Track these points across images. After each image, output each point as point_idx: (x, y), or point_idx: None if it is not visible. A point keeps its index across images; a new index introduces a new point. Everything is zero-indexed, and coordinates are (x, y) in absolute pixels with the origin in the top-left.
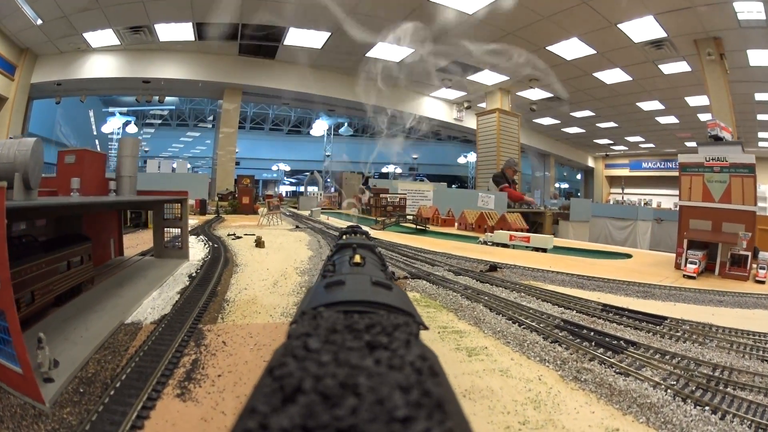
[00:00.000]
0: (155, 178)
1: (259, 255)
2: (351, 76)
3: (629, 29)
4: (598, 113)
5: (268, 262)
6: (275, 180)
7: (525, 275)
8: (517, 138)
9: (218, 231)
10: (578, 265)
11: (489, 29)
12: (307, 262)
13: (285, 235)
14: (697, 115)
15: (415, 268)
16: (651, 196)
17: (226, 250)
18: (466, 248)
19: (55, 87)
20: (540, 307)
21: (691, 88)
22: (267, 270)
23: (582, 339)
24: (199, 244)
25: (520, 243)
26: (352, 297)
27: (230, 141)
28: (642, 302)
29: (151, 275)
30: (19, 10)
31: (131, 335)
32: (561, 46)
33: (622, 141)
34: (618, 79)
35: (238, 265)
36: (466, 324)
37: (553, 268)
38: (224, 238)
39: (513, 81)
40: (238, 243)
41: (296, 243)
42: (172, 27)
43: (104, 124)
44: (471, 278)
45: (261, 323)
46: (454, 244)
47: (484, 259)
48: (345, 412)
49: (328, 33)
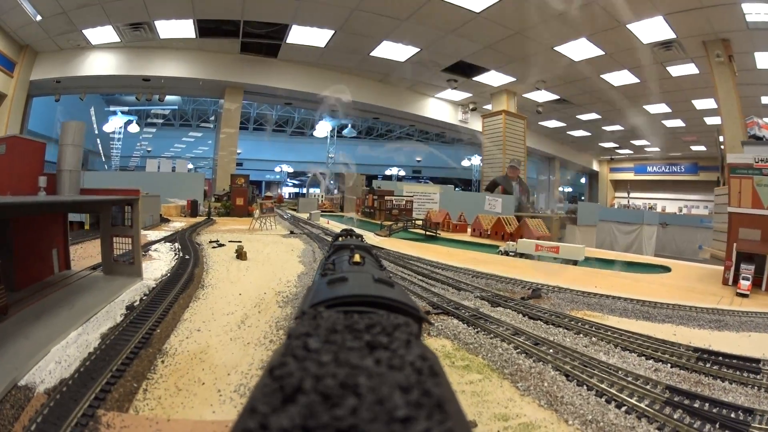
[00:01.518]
0: (143, 177)
1: (236, 271)
2: (355, 76)
3: (638, 30)
4: (605, 116)
5: (244, 283)
6: (278, 181)
7: (575, 302)
8: (523, 140)
9: (201, 236)
10: (622, 284)
11: (496, 28)
12: (295, 283)
13: (276, 243)
14: (703, 119)
15: (437, 294)
16: (656, 200)
17: (198, 263)
18: (488, 261)
19: (54, 84)
20: (625, 361)
21: (698, 90)
22: (239, 296)
23: (701, 418)
24: (169, 254)
25: (547, 254)
26: (357, 292)
27: (231, 141)
28: (718, 335)
29: (81, 303)
30: (19, 6)
31: (18, 408)
32: (569, 46)
33: (627, 144)
34: (625, 81)
35: (205, 287)
36: (536, 406)
37: (600, 290)
38: (205, 245)
39: (519, 82)
40: (217, 253)
41: (287, 254)
42: (172, 24)
43: (106, 123)
44: (513, 310)
45: (191, 421)
46: (471, 255)
47: (515, 278)
48: (345, 412)
49: (331, 31)
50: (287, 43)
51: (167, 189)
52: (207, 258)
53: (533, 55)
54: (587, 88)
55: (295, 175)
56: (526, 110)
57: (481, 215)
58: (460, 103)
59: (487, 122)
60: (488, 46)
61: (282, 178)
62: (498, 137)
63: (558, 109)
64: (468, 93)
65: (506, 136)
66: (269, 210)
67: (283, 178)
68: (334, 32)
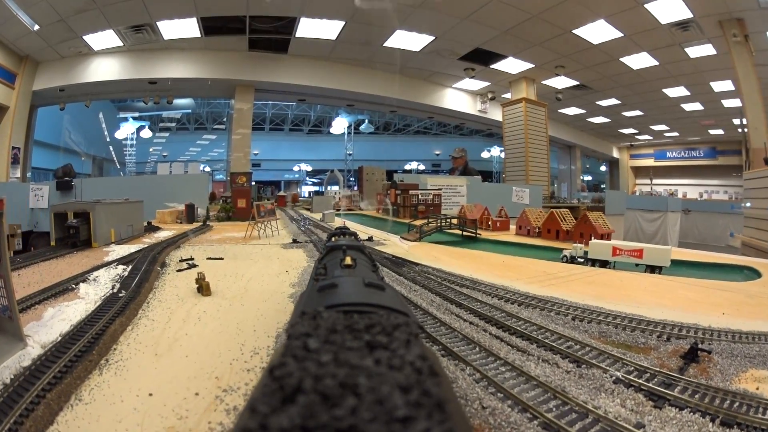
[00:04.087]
0: (144, 181)
1: (181, 322)
2: (369, 69)
3: (656, 9)
4: (624, 101)
5: (176, 354)
6: (297, 180)
7: (735, 355)
8: (544, 128)
9: (178, 252)
10: (735, 301)
11: (512, 12)
12: (269, 351)
13: (269, 259)
14: (721, 102)
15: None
16: (676, 186)
17: (130, 304)
18: (567, 276)
19: (58, 93)
20: None
21: (716, 72)
22: (148, 398)
23: None
24: (106, 286)
25: (627, 259)
26: (346, 300)
27: (245, 142)
28: None
29: None
30: (15, 16)
31: None
32: (587, 29)
33: (647, 130)
34: (644, 64)
35: (109, 366)
36: None
37: (732, 324)
38: (171, 267)
39: (538, 68)
40: (176, 282)
41: (277, 278)
42: (175, 24)
43: (117, 130)
44: (694, 411)
45: None
46: (536, 266)
47: (635, 315)
48: (345, 412)
49: (342, 22)
50: (297, 38)
51: (167, 193)
52: (156, 292)
53: (551, 39)
54: (606, 72)
55: (314, 174)
56: (545, 98)
57: (528, 209)
58: (478, 92)
59: (507, 111)
60: (505, 31)
61: (301, 177)
62: (519, 126)
63: (577, 95)
64: (486, 82)
65: (527, 123)
66: (269, 213)
67: (302, 177)
68: (344, 23)
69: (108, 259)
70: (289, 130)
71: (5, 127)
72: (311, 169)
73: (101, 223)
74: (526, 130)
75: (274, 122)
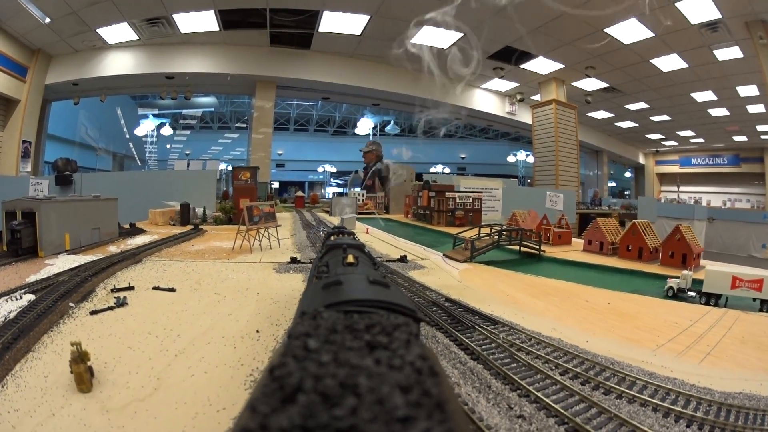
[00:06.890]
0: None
1: None
2: (394, 67)
3: (686, 8)
4: (653, 105)
5: None
6: (321, 182)
7: None
8: (574, 132)
9: (132, 271)
10: None
11: (542, 8)
12: None
13: (245, 294)
14: (746, 107)
15: None
16: (701, 194)
17: None
18: (695, 330)
19: (71, 87)
20: None
21: (742, 76)
22: None
23: None
24: None
25: (746, 293)
26: (353, 296)
27: (266, 142)
28: None
29: None
30: (24, 9)
31: None
32: (618, 27)
33: (673, 136)
34: (674, 67)
35: None
36: None
37: None
38: (96, 299)
39: (568, 69)
40: (67, 343)
41: (231, 358)
42: (192, 17)
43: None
44: None
45: None
46: (646, 309)
47: None
48: (345, 412)
49: (367, 16)
50: (320, 32)
51: (171, 190)
52: (23, 366)
53: (582, 38)
54: (637, 74)
55: (338, 175)
56: (574, 100)
57: (600, 220)
58: (507, 93)
59: (537, 113)
60: (535, 29)
61: (325, 178)
62: (549, 128)
63: (606, 98)
64: (515, 82)
65: (558, 126)
66: (267, 217)
67: (326, 178)
68: (369, 17)
69: (31, 279)
70: (313, 131)
71: (16, 120)
72: (335, 171)
73: (50, 226)
74: (557, 132)
75: (298, 122)
